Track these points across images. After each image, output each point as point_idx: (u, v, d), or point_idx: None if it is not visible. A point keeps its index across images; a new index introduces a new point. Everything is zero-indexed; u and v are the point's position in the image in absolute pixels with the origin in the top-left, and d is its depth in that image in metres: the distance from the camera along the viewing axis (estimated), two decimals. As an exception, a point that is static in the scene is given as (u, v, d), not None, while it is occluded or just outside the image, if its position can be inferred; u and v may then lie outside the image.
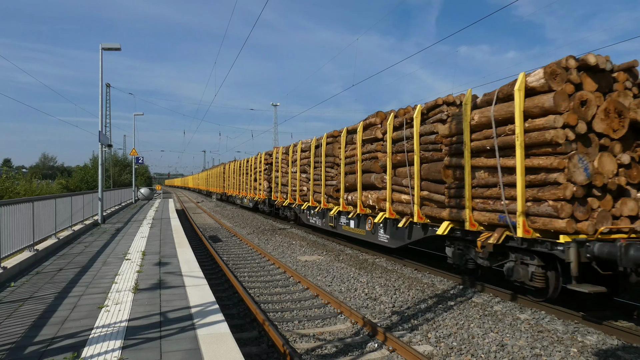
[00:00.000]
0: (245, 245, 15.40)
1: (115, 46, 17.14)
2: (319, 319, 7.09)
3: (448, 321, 6.88)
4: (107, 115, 54.57)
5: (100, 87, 17.35)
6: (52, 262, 8.94)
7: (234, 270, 10.95)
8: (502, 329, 6.49)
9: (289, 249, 14.13)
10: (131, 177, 43.13)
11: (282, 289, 9.14)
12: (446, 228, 8.36)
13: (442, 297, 8.28)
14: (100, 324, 4.99)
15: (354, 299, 8.28)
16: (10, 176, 31.49)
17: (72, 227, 13.60)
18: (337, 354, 5.67)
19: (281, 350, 5.60)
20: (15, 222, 8.22)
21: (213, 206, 37.97)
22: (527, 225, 6.76)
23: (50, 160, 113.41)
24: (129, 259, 9.17)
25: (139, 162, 35.78)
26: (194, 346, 4.34)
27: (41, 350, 4.24)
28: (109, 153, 46.06)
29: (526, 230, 6.74)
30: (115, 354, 4.12)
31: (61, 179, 47.23)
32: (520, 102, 6.79)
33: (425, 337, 6.21)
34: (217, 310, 5.47)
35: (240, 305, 7.95)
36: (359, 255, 12.87)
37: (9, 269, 7.48)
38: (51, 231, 10.99)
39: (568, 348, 5.74)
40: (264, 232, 18.58)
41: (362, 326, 6.59)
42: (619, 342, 5.98)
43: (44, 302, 5.90)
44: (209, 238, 17.06)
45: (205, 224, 23.04)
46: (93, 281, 7.18)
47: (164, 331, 4.76)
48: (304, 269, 10.95)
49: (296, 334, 6.37)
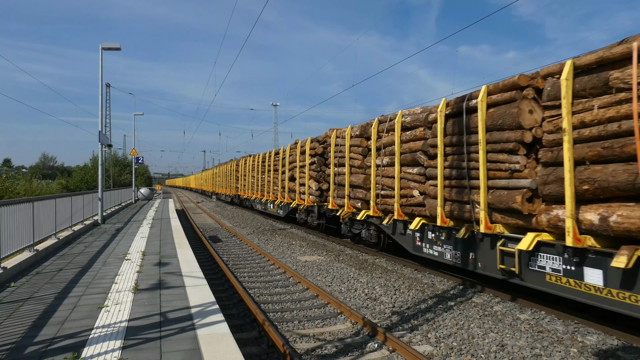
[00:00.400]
0: (245, 245, 15.39)
1: (115, 46, 17.14)
2: (319, 319, 7.09)
3: (448, 321, 6.88)
4: (107, 115, 54.56)
5: (100, 87, 17.36)
6: (52, 262, 8.94)
7: (234, 270, 10.95)
8: (502, 329, 6.49)
9: (289, 249, 14.13)
10: (131, 177, 43.13)
11: (282, 289, 9.14)
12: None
13: (442, 297, 8.28)
14: (100, 324, 4.99)
15: (354, 299, 8.28)
16: (10, 176, 31.50)
17: (72, 227, 13.59)
18: (337, 354, 5.67)
19: (281, 350, 5.60)
20: (15, 222, 8.22)
21: (213, 206, 37.96)
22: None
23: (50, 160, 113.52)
24: (129, 259, 9.16)
25: (139, 162, 35.77)
26: (194, 346, 4.34)
27: (41, 350, 4.24)
28: (109, 153, 46.08)
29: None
30: (115, 354, 4.12)
31: (61, 179, 47.30)
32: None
33: (425, 337, 6.21)
34: (217, 311, 5.47)
35: (240, 305, 7.95)
36: (359, 255, 12.86)
37: (9, 269, 7.48)
38: (51, 231, 10.98)
39: (568, 348, 5.74)
40: (264, 233, 18.57)
41: (362, 326, 6.59)
42: (618, 342, 5.98)
43: (44, 303, 5.89)
44: (209, 238, 17.06)
45: (205, 224, 23.04)
46: (93, 281, 7.17)
47: (164, 331, 4.76)
48: (304, 269, 10.95)
49: (296, 334, 6.37)
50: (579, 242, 5.93)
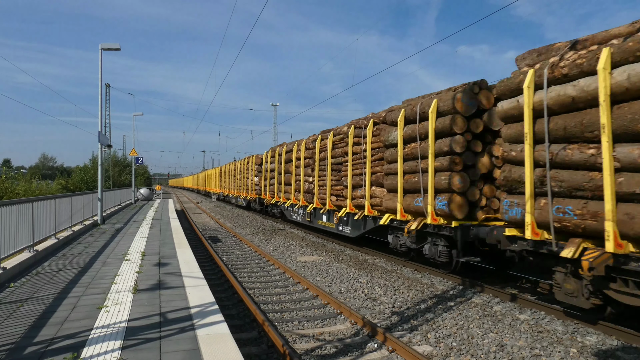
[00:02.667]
0: (245, 245, 15.39)
1: (115, 46, 17.12)
2: (319, 319, 7.09)
3: (448, 321, 6.88)
4: (107, 115, 54.60)
5: (100, 88, 17.35)
6: (51, 262, 8.94)
7: (233, 270, 10.95)
8: (502, 329, 6.49)
9: (289, 249, 14.13)
10: (131, 178, 43.12)
11: (282, 289, 9.14)
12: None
13: (441, 297, 8.28)
14: (100, 324, 4.99)
15: (354, 299, 8.28)
16: (10, 176, 31.48)
17: (72, 227, 13.58)
18: (336, 354, 5.67)
19: (281, 350, 5.60)
20: (15, 222, 8.21)
21: (213, 206, 37.95)
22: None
23: (50, 161, 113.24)
24: (128, 260, 9.16)
25: (138, 162, 35.77)
26: (193, 346, 4.34)
27: (41, 350, 4.24)
28: (108, 153, 46.06)
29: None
30: (114, 354, 4.12)
31: (61, 179, 47.27)
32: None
33: (424, 338, 6.21)
34: (216, 311, 5.47)
35: (239, 305, 7.95)
36: (359, 255, 12.87)
37: (8, 270, 7.48)
38: (51, 232, 10.98)
39: (568, 348, 5.75)
40: (264, 233, 18.57)
41: (362, 326, 6.59)
42: (618, 343, 5.98)
43: (43, 303, 5.89)
44: (209, 238, 17.06)
45: (205, 224, 23.03)
46: (93, 282, 7.17)
47: (164, 331, 4.76)
48: (304, 270, 10.95)
49: (296, 334, 6.37)
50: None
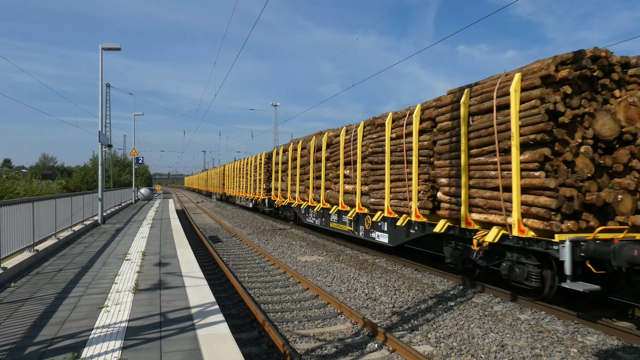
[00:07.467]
0: (245, 245, 15.39)
1: (115, 46, 17.13)
2: (319, 319, 7.09)
3: (448, 321, 6.88)
4: (107, 115, 54.55)
5: (100, 87, 17.35)
6: (52, 262, 8.94)
7: (234, 270, 10.95)
8: (502, 329, 6.49)
9: (289, 249, 14.13)
10: (131, 177, 43.14)
11: (282, 289, 9.14)
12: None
13: (442, 297, 8.28)
14: (100, 324, 4.99)
15: (354, 299, 8.28)
16: (10, 176, 31.42)
17: (72, 227, 13.59)
18: (337, 354, 5.66)
19: (281, 350, 5.60)
20: (16, 222, 8.22)
21: (213, 206, 37.97)
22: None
23: (50, 161, 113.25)
24: (129, 260, 9.16)
25: (138, 162, 35.78)
26: (194, 346, 4.34)
27: (41, 350, 4.24)
28: (108, 153, 46.07)
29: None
30: (115, 354, 4.12)
31: (61, 179, 47.22)
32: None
33: (425, 338, 6.21)
34: (217, 311, 5.47)
35: (240, 305, 7.95)
36: (359, 255, 12.87)
37: (9, 270, 7.48)
38: (51, 231, 10.98)
39: (568, 348, 5.74)
40: (264, 233, 18.57)
41: (362, 326, 6.59)
42: (619, 343, 5.98)
43: (44, 303, 5.89)
44: (209, 238, 17.06)
45: (205, 224, 23.04)
46: (93, 282, 7.17)
47: (164, 331, 4.76)
48: (304, 270, 10.95)
49: (296, 334, 6.37)
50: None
